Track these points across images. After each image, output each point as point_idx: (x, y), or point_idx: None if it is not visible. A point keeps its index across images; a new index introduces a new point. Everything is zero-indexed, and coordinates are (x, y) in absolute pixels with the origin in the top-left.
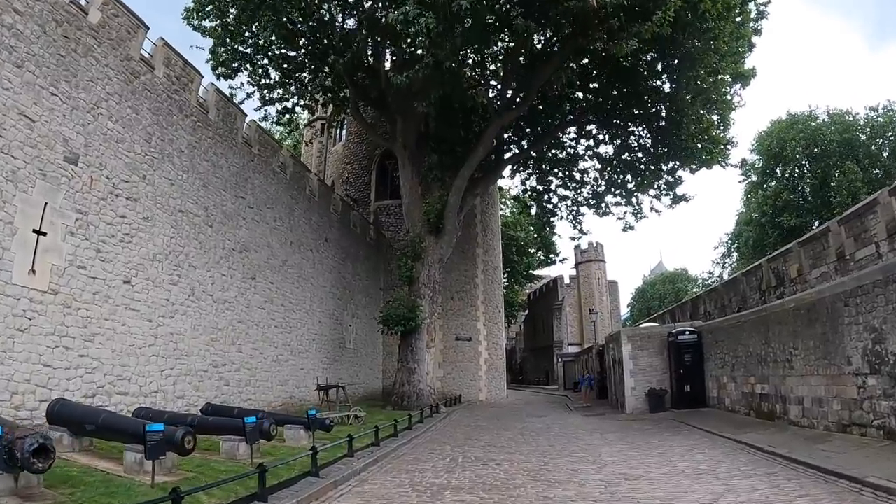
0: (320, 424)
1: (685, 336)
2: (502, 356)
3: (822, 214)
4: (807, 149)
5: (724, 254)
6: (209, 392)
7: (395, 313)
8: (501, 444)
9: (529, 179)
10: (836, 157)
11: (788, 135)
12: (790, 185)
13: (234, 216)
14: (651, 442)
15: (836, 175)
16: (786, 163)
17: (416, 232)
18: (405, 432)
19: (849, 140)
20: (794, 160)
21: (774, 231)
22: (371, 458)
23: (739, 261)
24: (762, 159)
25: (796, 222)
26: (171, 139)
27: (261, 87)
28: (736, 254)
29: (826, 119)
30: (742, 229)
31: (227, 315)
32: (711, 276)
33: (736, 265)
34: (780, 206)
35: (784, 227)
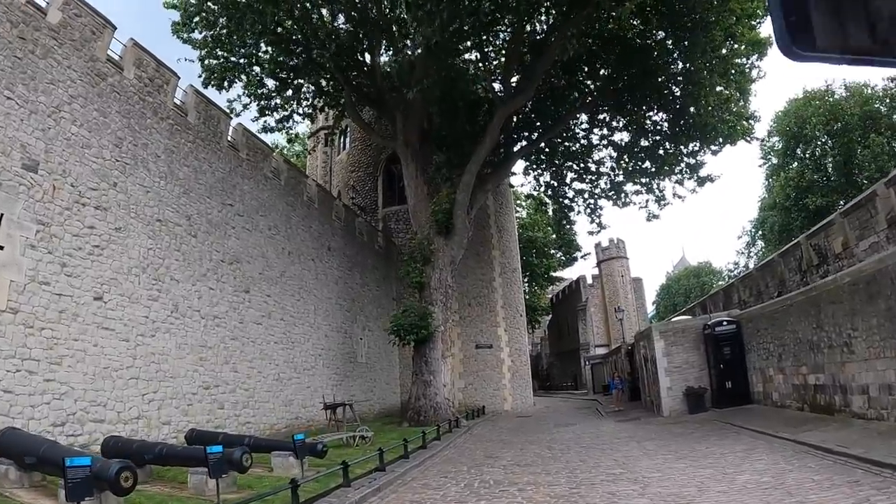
0: (310, 450)
1: (723, 327)
2: (527, 362)
3: (847, 193)
4: (827, 125)
5: (749, 243)
6: (200, 416)
7: (406, 322)
8: (526, 461)
9: (543, 175)
10: (858, 131)
11: (807, 112)
12: (813, 164)
13: (222, 225)
14: (697, 449)
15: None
16: (806, 142)
17: (423, 234)
18: (418, 452)
19: (869, 113)
20: (815, 139)
21: (800, 214)
22: (372, 486)
23: (765, 248)
24: (781, 140)
25: (822, 202)
26: (144, 144)
27: (257, 97)
28: (761, 242)
29: (844, 93)
30: (766, 215)
31: (218, 332)
32: (737, 267)
33: (761, 253)
34: (805, 187)
35: (810, 209)
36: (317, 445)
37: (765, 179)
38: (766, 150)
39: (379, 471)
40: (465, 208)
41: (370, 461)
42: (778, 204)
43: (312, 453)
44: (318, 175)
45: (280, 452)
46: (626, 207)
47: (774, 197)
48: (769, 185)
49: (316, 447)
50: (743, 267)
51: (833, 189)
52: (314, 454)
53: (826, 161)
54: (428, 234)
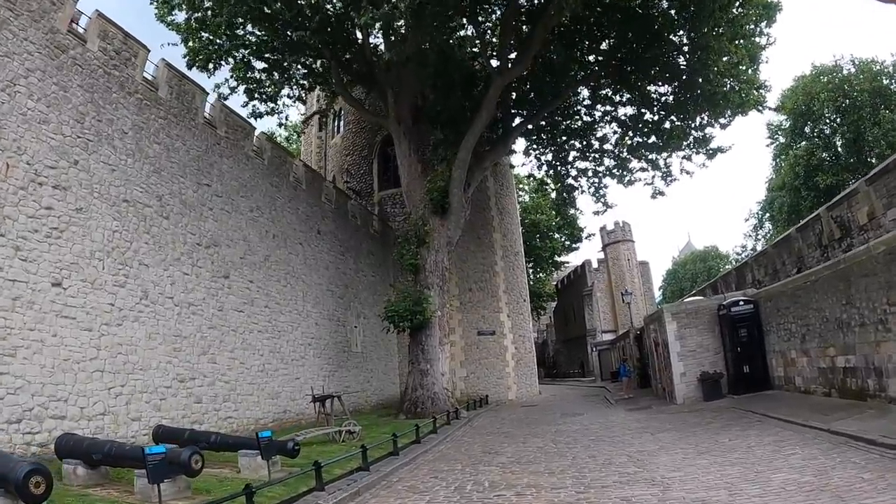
0: (280, 449)
1: (739, 307)
2: (531, 349)
3: (858, 171)
4: (836, 102)
5: (756, 225)
6: (175, 412)
7: (400, 307)
8: (528, 457)
9: (545, 154)
10: (867, 108)
11: (815, 88)
12: (822, 143)
13: (198, 206)
14: (719, 441)
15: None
16: (815, 120)
17: (418, 214)
18: (411, 448)
19: (879, 89)
20: (823, 117)
21: (810, 193)
22: (349, 490)
23: (774, 229)
24: (789, 118)
25: (832, 181)
26: (110, 119)
27: (245, 80)
28: (769, 224)
29: (853, 70)
30: (774, 196)
31: (194, 320)
32: (745, 250)
33: (769, 235)
34: (814, 165)
35: (820, 188)
36: (287, 443)
37: (772, 159)
38: (773, 129)
39: (362, 470)
40: (462, 186)
41: (353, 459)
42: (787, 184)
43: (282, 452)
44: (313, 160)
45: (247, 451)
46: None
47: (783, 177)
48: (777, 165)
49: (286, 445)
50: (751, 250)
51: (843, 167)
52: (285, 453)
53: (835, 139)
54: (423, 214)
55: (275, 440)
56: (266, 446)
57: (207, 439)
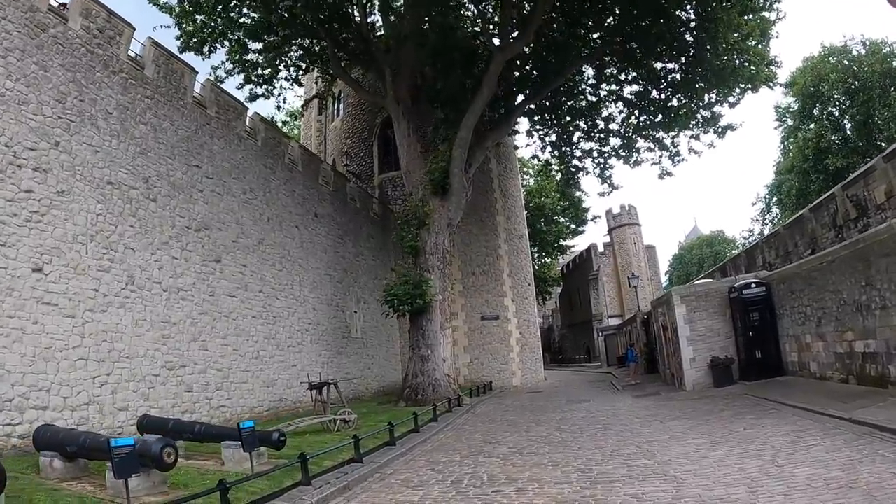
0: (264, 440)
1: (751, 290)
2: (536, 334)
3: (868, 155)
4: (845, 83)
5: (763, 209)
6: (164, 401)
7: (400, 291)
8: (531, 447)
9: (549, 135)
10: (877, 89)
11: (824, 69)
12: (831, 125)
13: (187, 188)
14: (734, 431)
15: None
16: (823, 102)
17: (418, 195)
18: (409, 437)
19: (889, 71)
20: (832, 98)
21: (819, 176)
22: (338, 485)
23: (782, 213)
24: (798, 100)
25: (842, 163)
26: (93, 99)
27: (242, 63)
28: (776, 208)
29: (863, 51)
30: (783, 179)
31: (184, 306)
32: (751, 234)
33: (777, 219)
34: (824, 147)
35: (829, 171)
36: (272, 434)
37: (780, 142)
38: (781, 111)
39: (354, 462)
40: (463, 166)
41: (346, 450)
42: (795, 167)
43: (267, 444)
44: (313, 144)
45: (231, 443)
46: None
47: (791, 160)
48: (785, 148)
49: (271, 436)
50: (758, 234)
51: (853, 150)
52: (270, 445)
53: (844, 121)
54: (422, 195)
55: (259, 431)
56: (248, 438)
57: (191, 430)
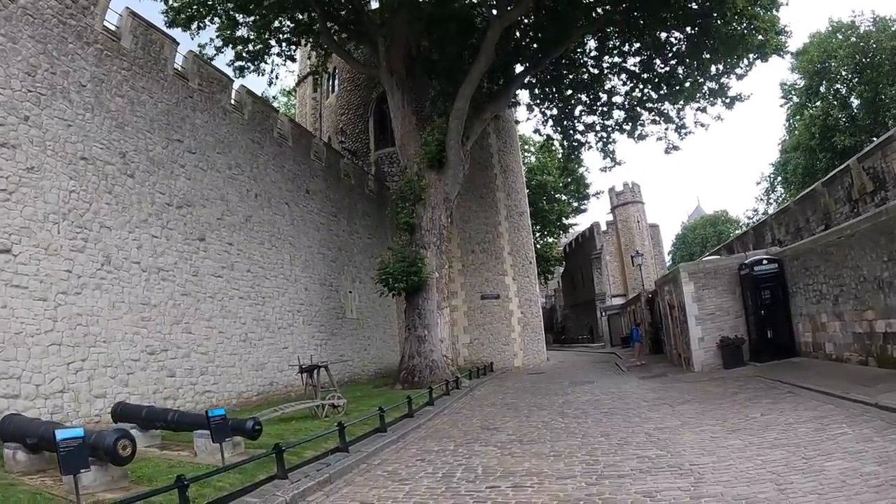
0: (237, 429)
1: (762, 266)
2: (538, 314)
3: (874, 132)
4: (854, 59)
5: (768, 189)
6: (145, 387)
7: (395, 269)
8: (531, 435)
9: (550, 109)
10: (887, 66)
11: (832, 45)
12: (838, 103)
13: (167, 163)
14: (750, 417)
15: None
16: (830, 79)
17: (413, 169)
18: (402, 422)
19: None
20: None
21: (825, 154)
22: (318, 478)
23: (787, 192)
24: (804, 77)
25: (850, 142)
26: (65, 72)
27: (232, 40)
28: (781, 187)
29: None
30: (789, 157)
31: (165, 287)
32: (756, 214)
33: (781, 199)
34: (831, 125)
35: (837, 149)
36: (246, 423)
37: (786, 120)
38: (786, 88)
39: (340, 451)
40: (460, 138)
41: (332, 438)
42: (802, 144)
43: (240, 432)
44: (308, 122)
45: (203, 432)
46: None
47: (798, 137)
48: (790, 126)
49: (244, 425)
50: (762, 214)
51: (861, 128)
52: (243, 434)
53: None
54: (418, 169)
55: (233, 419)
56: (217, 427)
57: (164, 417)
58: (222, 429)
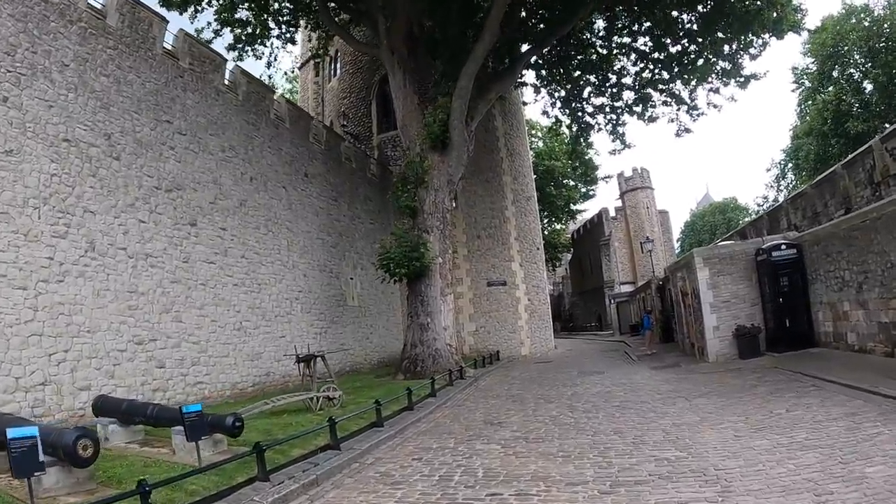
0: (216, 425)
1: (781, 252)
2: (546, 301)
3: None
4: (868, 41)
5: (778, 175)
6: (132, 378)
7: (396, 254)
8: (538, 431)
9: (557, 90)
10: None
11: (845, 27)
12: (851, 88)
13: (156, 145)
14: (775, 412)
15: None
16: (843, 63)
17: (415, 150)
18: (402, 415)
19: None
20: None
21: (839, 140)
22: (303, 479)
23: (798, 179)
24: (817, 62)
25: (864, 128)
26: (47, 51)
27: (230, 22)
28: (792, 174)
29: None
30: (800, 143)
31: (153, 274)
32: (766, 201)
33: (792, 185)
34: (844, 111)
35: (850, 135)
36: (226, 419)
37: (797, 106)
38: (798, 73)
39: (331, 449)
40: (464, 118)
41: (322, 434)
42: (814, 130)
43: (220, 429)
44: (310, 107)
45: (181, 429)
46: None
47: (810, 123)
48: (802, 112)
49: (224, 421)
50: (772, 201)
51: (875, 114)
52: (223, 431)
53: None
54: (420, 150)
55: (213, 415)
56: (193, 425)
57: (144, 412)
58: (198, 426)
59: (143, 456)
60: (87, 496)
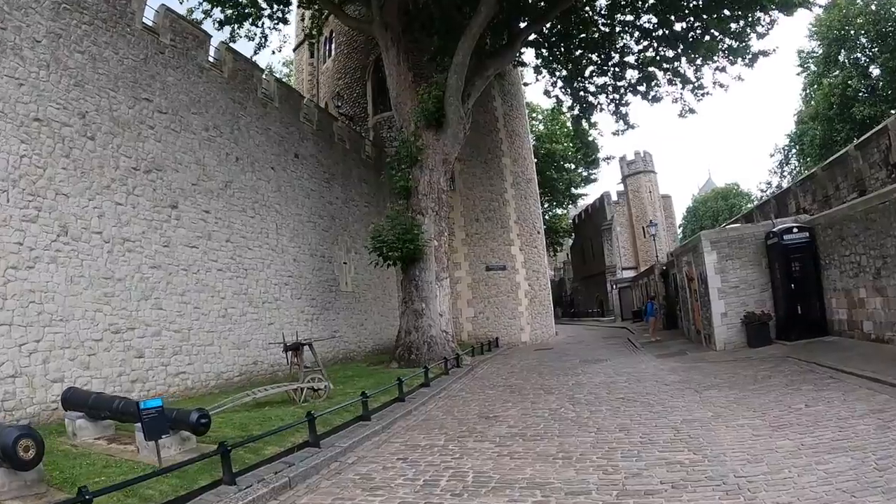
0: (180, 422)
1: (792, 235)
2: (546, 286)
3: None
4: (876, 25)
5: (782, 161)
6: (109, 369)
7: (389, 236)
8: (536, 427)
9: (559, 70)
10: None
11: (851, 12)
12: (858, 72)
13: (134, 124)
14: (794, 407)
15: None
16: (850, 47)
17: (409, 128)
18: (392, 407)
19: None
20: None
21: (845, 125)
22: (274, 482)
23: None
24: (822, 45)
25: (871, 112)
26: (17, 27)
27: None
28: (796, 160)
29: None
30: (805, 128)
31: (131, 259)
32: (769, 187)
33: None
34: (851, 95)
35: (857, 120)
36: (190, 415)
37: (802, 90)
38: (803, 56)
39: (310, 447)
40: (459, 95)
41: (302, 429)
42: (820, 114)
43: (183, 426)
44: (305, 88)
45: None
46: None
47: (815, 107)
48: (806, 97)
49: (188, 418)
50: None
51: (882, 99)
52: (187, 428)
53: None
54: (415, 128)
55: (178, 410)
56: (151, 422)
57: (110, 406)
58: (157, 424)
59: (106, 454)
60: (35, 500)
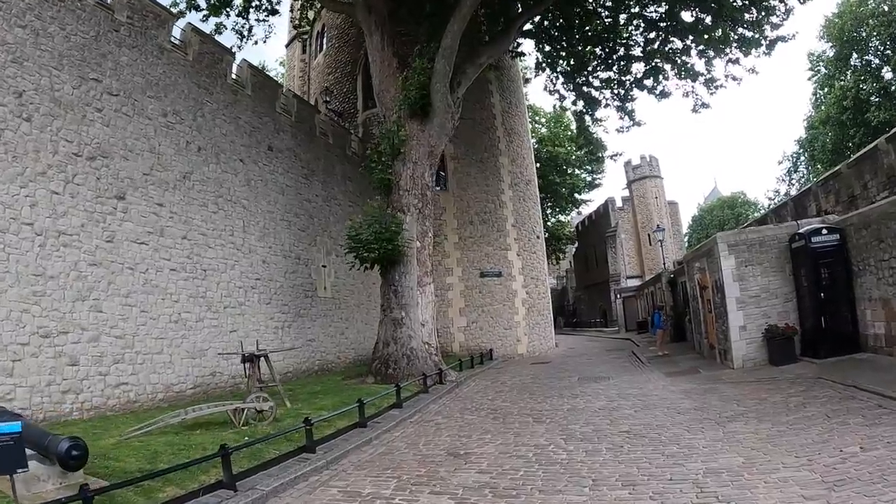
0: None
1: (821, 237)
2: (546, 294)
3: None
4: (889, 27)
5: (790, 168)
6: (36, 377)
7: (365, 235)
8: (514, 473)
9: (560, 65)
10: None
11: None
12: (870, 76)
13: (78, 106)
14: (846, 452)
15: None
16: (861, 50)
17: (392, 118)
18: (350, 433)
19: None
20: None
21: (858, 130)
22: None
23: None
24: (834, 46)
25: (886, 116)
26: None
27: None
28: (804, 167)
29: None
30: (816, 133)
31: (67, 254)
32: (777, 195)
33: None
34: (864, 99)
35: (871, 124)
36: (58, 444)
37: (812, 94)
38: (814, 59)
39: (224, 488)
40: (447, 82)
41: (216, 466)
42: (831, 118)
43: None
44: (296, 85)
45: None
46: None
47: (826, 111)
48: (816, 102)
49: (57, 448)
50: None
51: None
52: (59, 460)
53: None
54: (397, 117)
55: (50, 436)
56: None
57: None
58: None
59: None
60: None
